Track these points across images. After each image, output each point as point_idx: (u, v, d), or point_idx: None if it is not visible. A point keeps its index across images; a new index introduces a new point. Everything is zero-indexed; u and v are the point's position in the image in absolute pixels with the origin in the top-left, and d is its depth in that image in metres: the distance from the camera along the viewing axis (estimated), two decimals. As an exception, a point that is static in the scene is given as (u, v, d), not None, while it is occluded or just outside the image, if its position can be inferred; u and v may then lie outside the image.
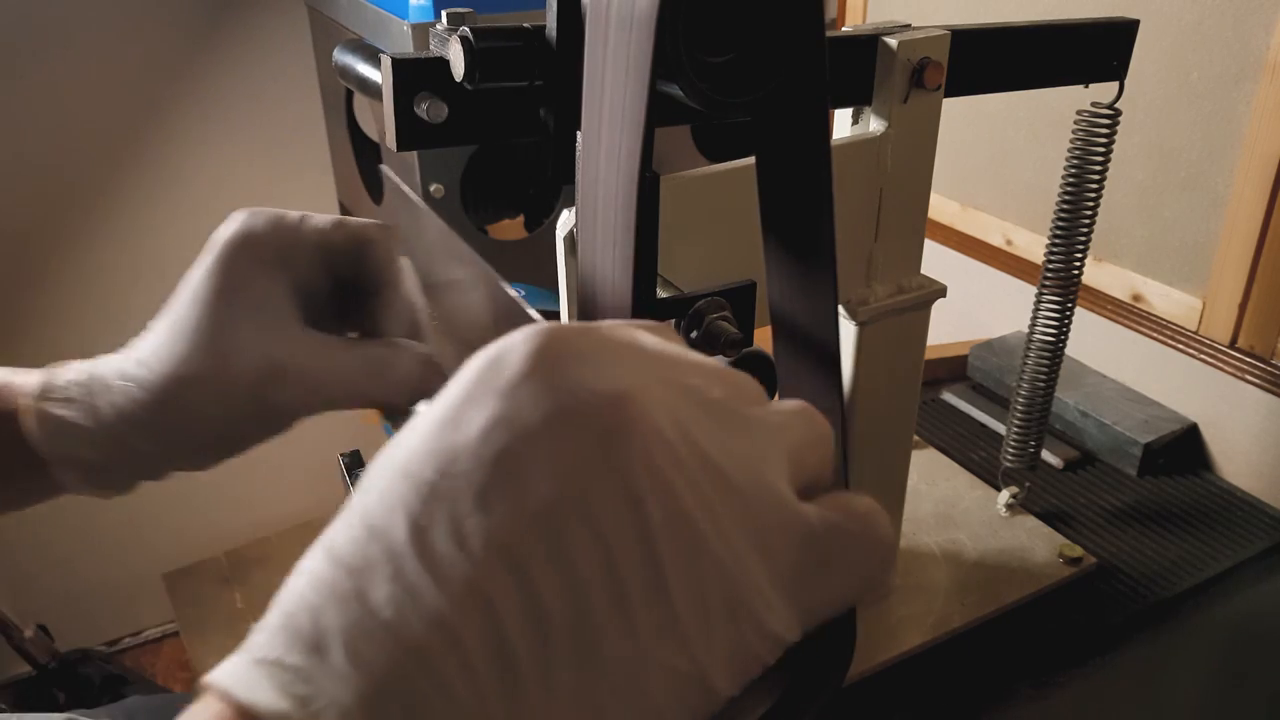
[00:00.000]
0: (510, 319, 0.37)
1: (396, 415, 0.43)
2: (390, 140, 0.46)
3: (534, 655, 0.20)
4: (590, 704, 0.21)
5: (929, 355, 0.84)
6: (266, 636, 0.21)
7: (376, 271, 0.42)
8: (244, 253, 0.39)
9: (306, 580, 0.22)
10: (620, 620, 0.21)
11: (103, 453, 0.39)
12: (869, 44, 0.54)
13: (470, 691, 0.20)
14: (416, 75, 0.45)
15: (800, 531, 0.23)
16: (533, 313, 0.35)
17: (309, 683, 0.20)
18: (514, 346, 0.23)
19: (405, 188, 0.47)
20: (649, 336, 0.25)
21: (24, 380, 0.41)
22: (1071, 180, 0.67)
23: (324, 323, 0.41)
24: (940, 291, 0.61)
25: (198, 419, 0.39)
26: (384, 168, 0.48)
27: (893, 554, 0.24)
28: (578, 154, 0.41)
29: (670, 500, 0.21)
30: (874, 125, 0.56)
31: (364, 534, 0.22)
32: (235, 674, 0.21)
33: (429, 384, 0.41)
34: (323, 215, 0.41)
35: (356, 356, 0.40)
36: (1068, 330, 0.72)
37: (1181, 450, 0.89)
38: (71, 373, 0.40)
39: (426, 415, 0.23)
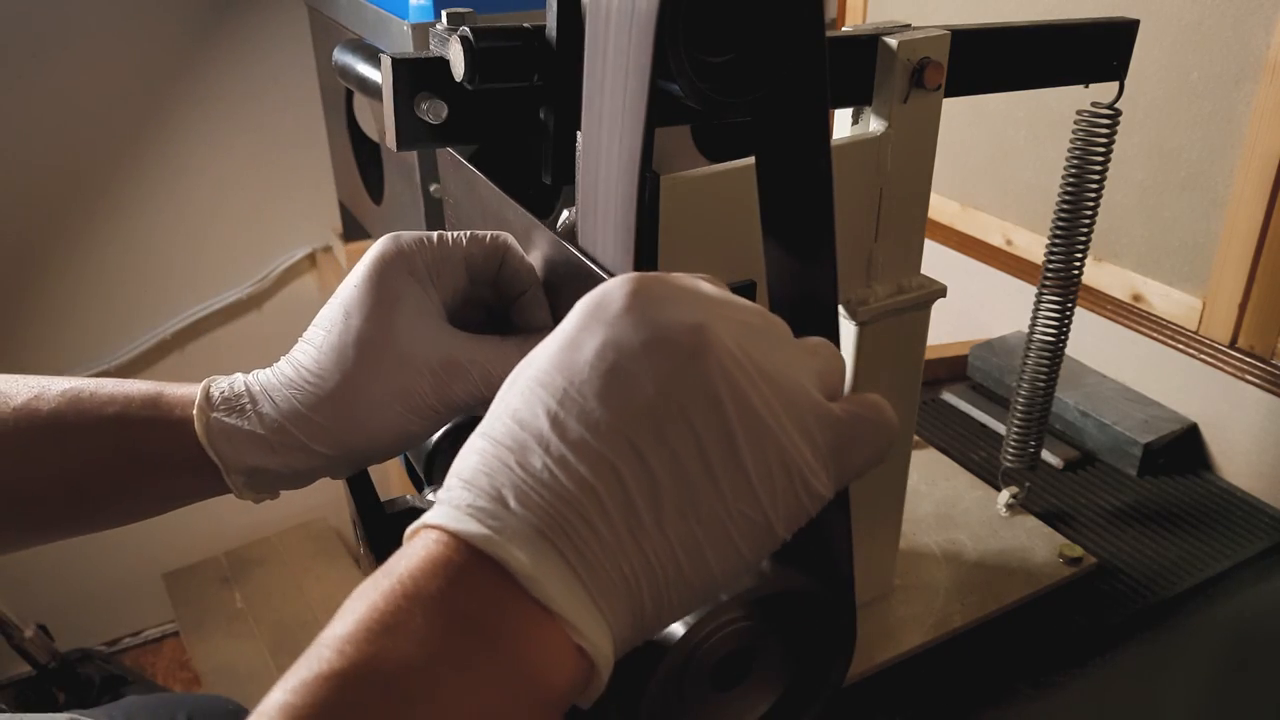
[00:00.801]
0: (570, 266, 0.42)
1: None
2: (390, 140, 0.46)
3: (650, 506, 0.28)
4: (691, 540, 0.29)
5: (929, 355, 0.84)
6: (455, 494, 0.29)
7: (513, 277, 0.45)
8: (397, 267, 0.42)
9: (477, 458, 0.29)
10: (709, 483, 0.29)
11: (279, 459, 0.42)
12: (869, 44, 0.54)
13: (608, 528, 0.28)
14: (416, 75, 0.45)
15: (830, 421, 0.31)
16: (584, 259, 0.40)
17: (497, 519, 0.28)
18: (615, 289, 0.30)
19: (457, 156, 0.51)
20: (706, 284, 0.33)
21: (179, 392, 0.43)
22: (1071, 180, 0.67)
23: (473, 329, 0.44)
24: (940, 291, 0.61)
25: (380, 420, 0.42)
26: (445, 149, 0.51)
27: (896, 433, 0.33)
28: (578, 154, 0.41)
29: (740, 398, 0.29)
30: (874, 125, 0.56)
31: (515, 424, 0.29)
32: (444, 516, 0.28)
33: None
34: (457, 232, 0.44)
35: (513, 346, 0.44)
36: (1068, 330, 0.72)
37: (1181, 450, 0.89)
38: (229, 385, 0.43)
39: (548, 344, 0.30)
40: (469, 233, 0.44)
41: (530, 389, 0.29)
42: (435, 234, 0.44)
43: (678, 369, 0.29)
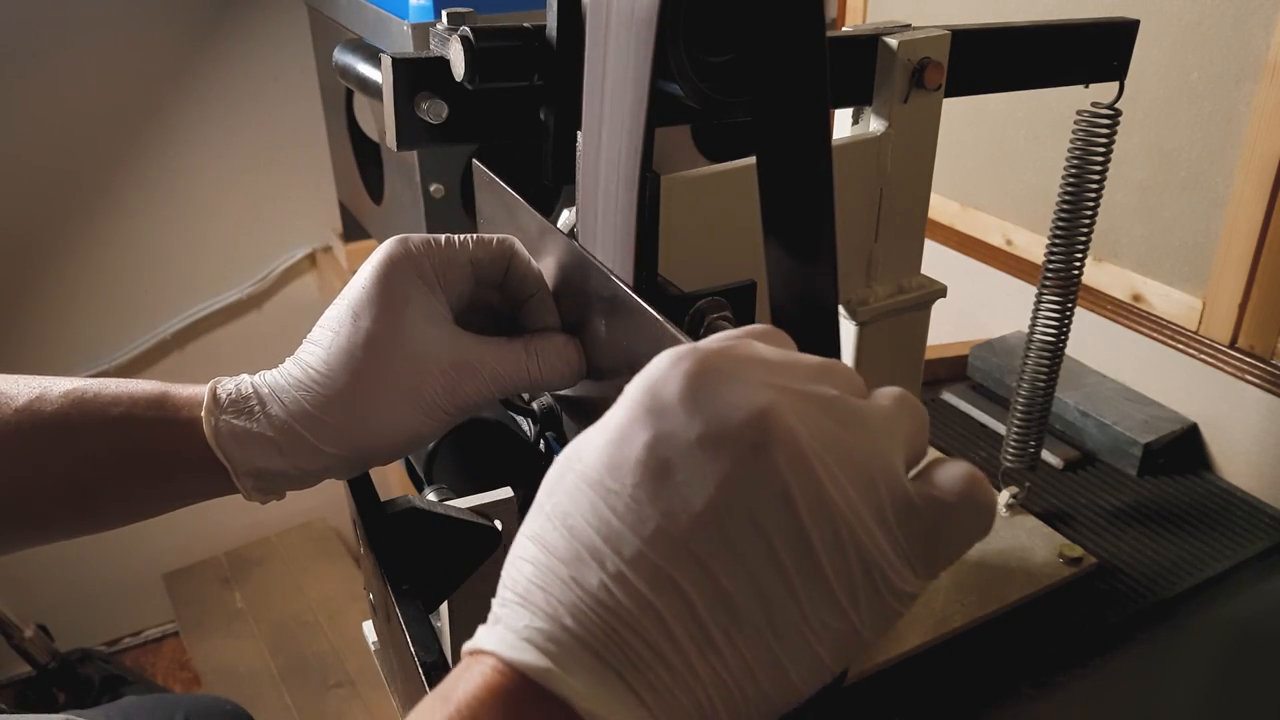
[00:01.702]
0: (621, 303, 0.40)
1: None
2: (390, 140, 0.46)
3: (720, 622, 0.26)
4: (769, 658, 0.26)
5: (929, 355, 0.84)
6: (510, 611, 0.27)
7: (520, 281, 0.45)
8: (405, 269, 0.42)
9: (530, 568, 0.27)
10: (784, 592, 0.26)
11: (287, 460, 0.42)
12: (869, 44, 0.54)
13: (675, 652, 0.25)
14: (417, 75, 0.45)
15: (915, 512, 0.28)
16: (645, 305, 0.38)
17: (555, 644, 0.25)
18: (666, 371, 0.27)
19: (499, 182, 0.50)
20: (766, 347, 0.29)
21: (185, 393, 0.43)
22: (1071, 180, 0.67)
23: (478, 332, 0.45)
24: (940, 291, 0.61)
25: (389, 421, 0.42)
26: (476, 162, 0.50)
27: (994, 514, 0.30)
28: (578, 154, 0.41)
29: (813, 493, 0.26)
30: (874, 125, 0.56)
31: (566, 531, 0.27)
32: (500, 641, 0.26)
33: (575, 363, 0.45)
34: (463, 235, 0.44)
35: (520, 346, 0.44)
36: (1068, 330, 0.72)
37: (1181, 450, 0.89)
38: (236, 386, 0.43)
39: (597, 435, 0.27)
40: (475, 236, 0.44)
41: (579, 489, 0.27)
42: (442, 236, 0.44)
43: (739, 465, 0.25)
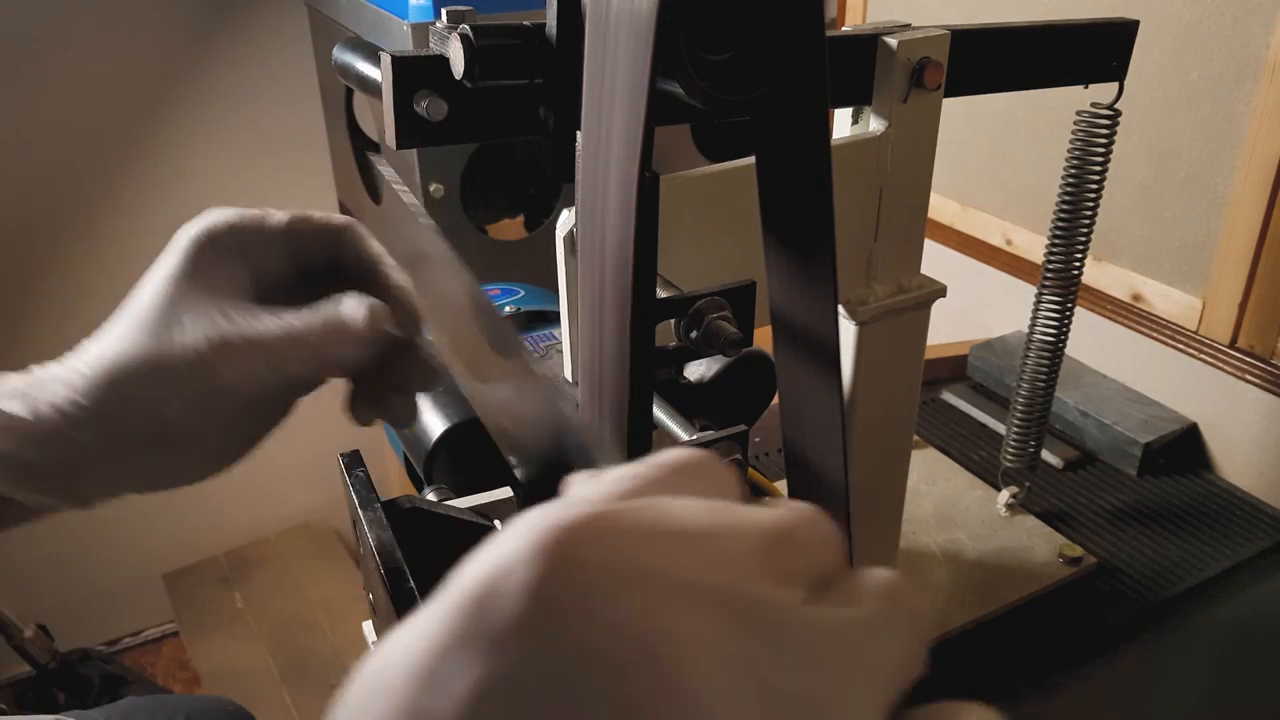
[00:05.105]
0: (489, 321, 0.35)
1: (400, 424, 0.44)
2: (390, 139, 0.46)
3: None
4: None
5: (929, 355, 0.84)
6: None
7: (355, 263, 0.42)
8: (204, 245, 0.39)
9: None
10: None
11: (42, 450, 0.38)
12: (869, 44, 0.54)
13: None
14: (416, 73, 0.45)
15: None
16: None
17: None
18: (508, 573, 0.17)
19: (396, 187, 0.48)
20: (692, 507, 0.19)
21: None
22: (1071, 180, 0.67)
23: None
24: (940, 291, 0.61)
25: (137, 401, 0.38)
26: (380, 167, 0.48)
27: None
28: (578, 154, 0.41)
29: None
30: (874, 125, 0.56)
31: None
32: None
33: (360, 317, 0.39)
34: (286, 211, 0.41)
35: (305, 316, 0.39)
36: (1068, 330, 0.72)
37: (1181, 450, 0.89)
38: (18, 373, 0.40)
39: (413, 648, 0.17)
40: (299, 211, 0.42)
41: None
42: (260, 210, 0.41)
43: None
